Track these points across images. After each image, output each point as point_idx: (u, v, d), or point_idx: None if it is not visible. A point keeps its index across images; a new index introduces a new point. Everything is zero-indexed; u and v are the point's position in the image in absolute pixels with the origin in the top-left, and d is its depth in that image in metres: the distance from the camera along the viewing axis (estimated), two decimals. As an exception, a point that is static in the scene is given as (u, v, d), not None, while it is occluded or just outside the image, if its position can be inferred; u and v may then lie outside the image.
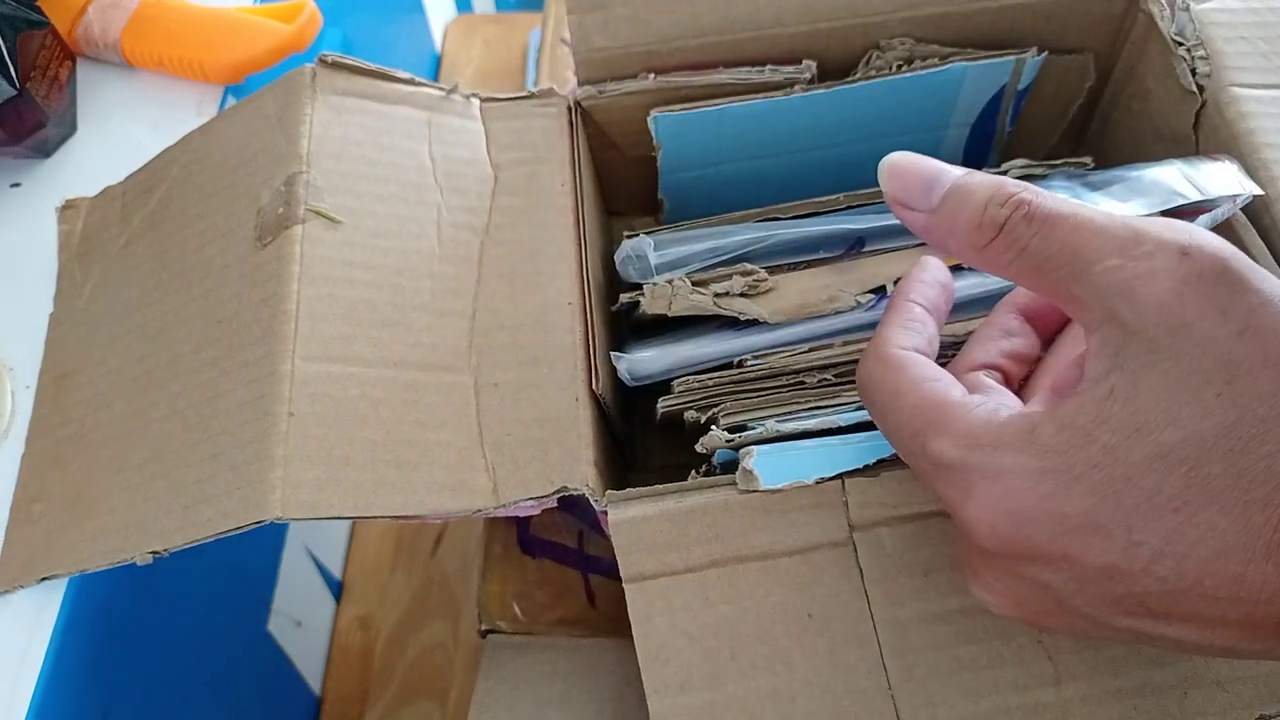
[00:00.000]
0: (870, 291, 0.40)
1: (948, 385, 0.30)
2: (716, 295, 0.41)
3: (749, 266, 0.41)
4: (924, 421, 0.29)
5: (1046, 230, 0.28)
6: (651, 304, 0.41)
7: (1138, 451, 0.26)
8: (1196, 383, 0.26)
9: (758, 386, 0.40)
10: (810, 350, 0.40)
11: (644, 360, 0.41)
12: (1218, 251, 0.26)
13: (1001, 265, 0.30)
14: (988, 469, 0.28)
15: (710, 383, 0.40)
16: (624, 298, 0.43)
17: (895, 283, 0.40)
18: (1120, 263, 0.27)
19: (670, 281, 0.41)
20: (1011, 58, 0.47)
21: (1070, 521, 0.26)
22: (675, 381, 0.41)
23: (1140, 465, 0.26)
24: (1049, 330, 0.35)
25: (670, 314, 0.41)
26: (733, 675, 0.35)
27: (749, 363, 0.40)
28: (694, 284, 0.41)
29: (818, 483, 0.36)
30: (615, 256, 0.43)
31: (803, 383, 0.40)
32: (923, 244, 0.42)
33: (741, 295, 0.41)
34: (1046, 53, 0.48)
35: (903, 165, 0.32)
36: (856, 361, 0.39)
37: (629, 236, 0.43)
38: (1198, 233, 0.27)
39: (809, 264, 0.42)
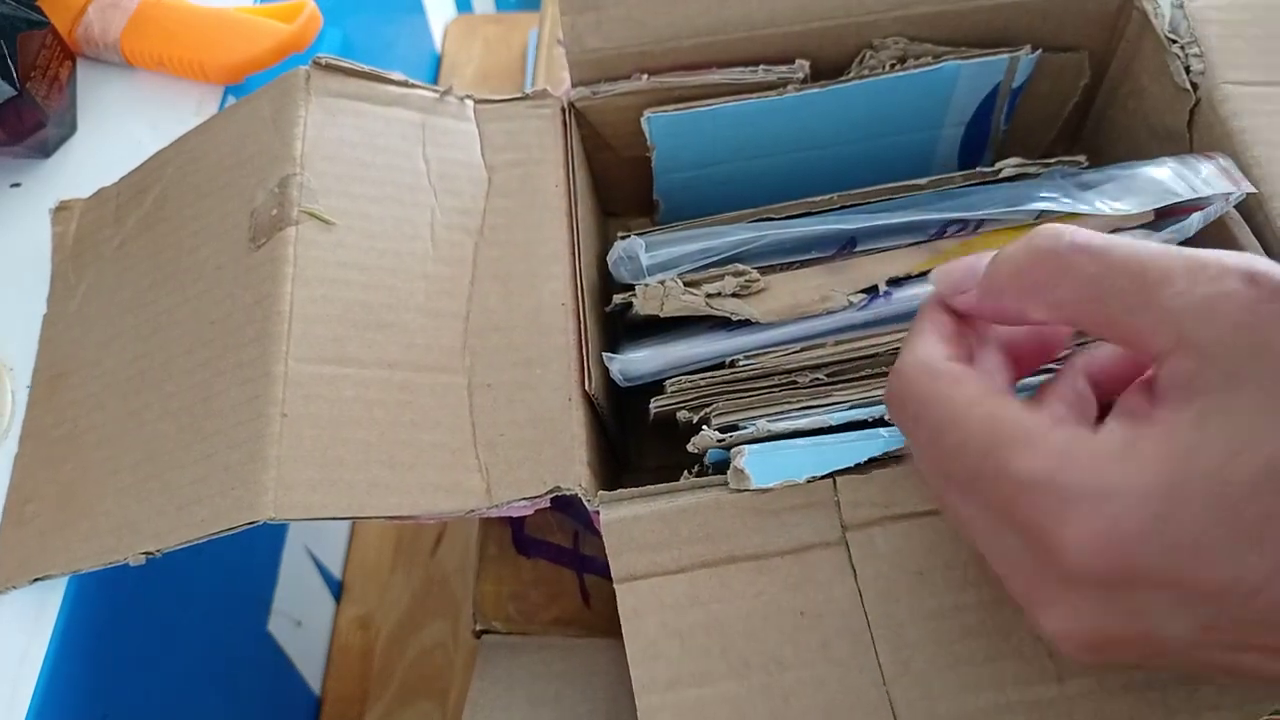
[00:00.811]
0: (862, 291, 0.40)
1: (1015, 399, 0.28)
2: (709, 296, 0.41)
3: (741, 267, 0.41)
4: (1003, 438, 0.27)
5: (1102, 257, 0.27)
6: (644, 305, 0.42)
7: (1243, 471, 0.24)
8: None
9: (750, 386, 0.40)
10: (802, 350, 0.40)
11: (636, 361, 0.41)
12: None
13: (1056, 302, 0.28)
14: (1090, 487, 0.25)
15: (702, 383, 0.40)
16: (617, 298, 0.43)
17: (888, 282, 0.40)
18: (1188, 287, 0.26)
19: (663, 282, 0.41)
20: (1005, 56, 0.47)
21: (1183, 542, 0.25)
22: (667, 382, 0.41)
23: (1248, 486, 0.24)
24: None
25: (662, 315, 0.41)
26: (723, 672, 0.35)
27: (741, 363, 0.40)
28: (686, 285, 0.41)
29: (809, 481, 0.36)
30: (608, 258, 0.43)
31: (795, 382, 0.40)
32: (915, 244, 0.42)
33: (734, 296, 0.41)
34: (1040, 51, 0.48)
35: (951, 265, 0.31)
36: (849, 361, 0.39)
37: (622, 238, 0.43)
38: (1255, 259, 0.26)
39: (801, 264, 0.42)
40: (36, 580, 0.39)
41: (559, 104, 0.47)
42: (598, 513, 0.37)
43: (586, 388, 0.40)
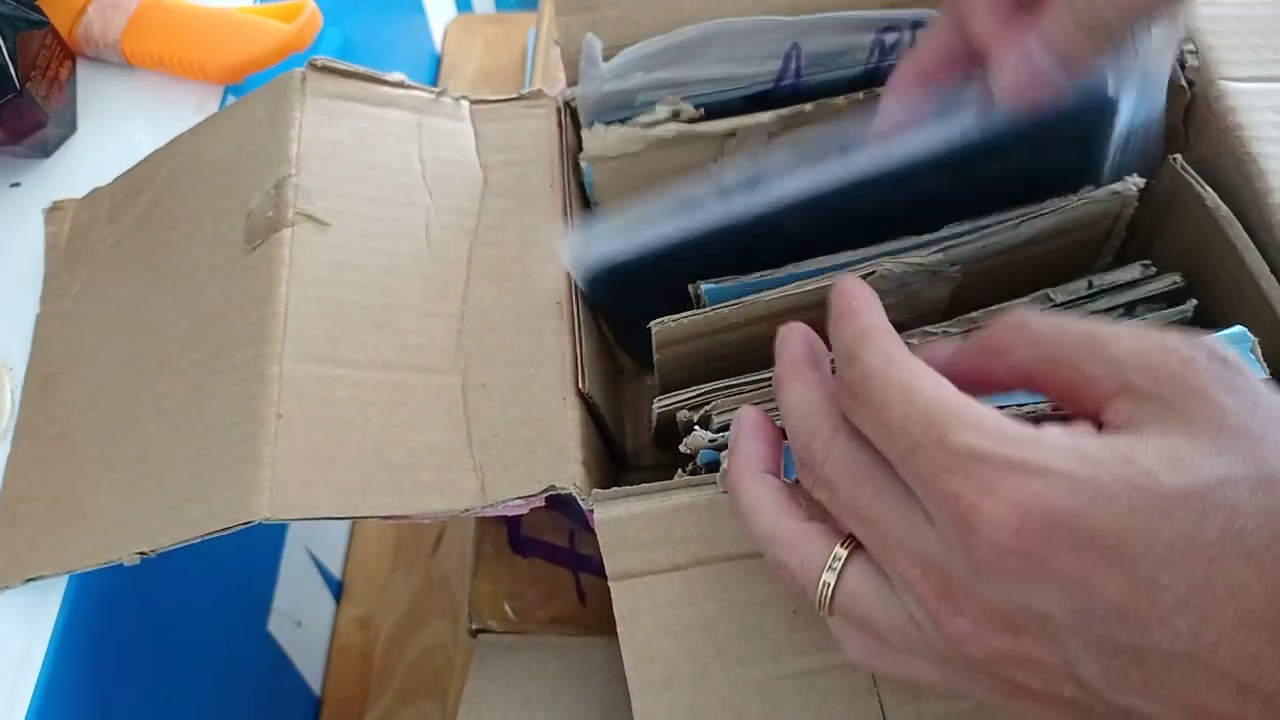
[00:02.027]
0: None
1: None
2: (644, 125, 0.43)
3: (680, 105, 0.44)
4: (950, 413, 0.27)
5: (1058, 322, 0.28)
6: (590, 146, 0.44)
7: (1178, 483, 0.24)
8: (1226, 440, 0.25)
9: (752, 383, 0.40)
10: None
11: (592, 240, 0.41)
12: (1216, 342, 0.27)
13: (1015, 363, 0.29)
14: (1027, 464, 0.25)
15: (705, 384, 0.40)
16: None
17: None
18: (1133, 344, 0.27)
19: (606, 125, 0.44)
20: None
21: (1103, 541, 0.24)
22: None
23: (1179, 499, 0.24)
24: None
25: (609, 153, 0.44)
26: (718, 671, 0.35)
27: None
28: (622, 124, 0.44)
29: (799, 481, 0.36)
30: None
31: None
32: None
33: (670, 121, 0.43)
34: None
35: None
36: None
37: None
38: (1197, 337, 0.27)
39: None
40: (30, 580, 0.39)
41: (554, 104, 0.47)
42: (593, 511, 0.37)
43: (581, 387, 0.40)
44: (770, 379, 0.40)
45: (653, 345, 0.41)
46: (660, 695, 0.35)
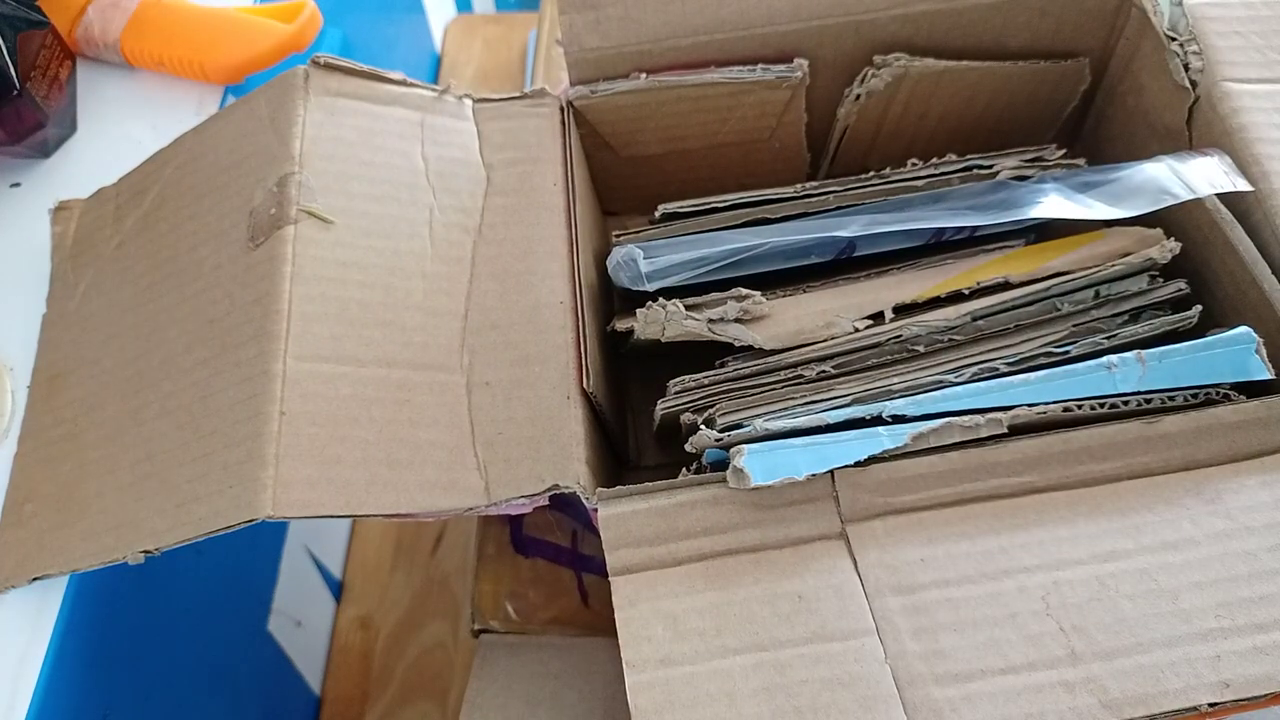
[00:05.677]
0: (868, 317, 0.40)
1: None
2: (710, 321, 0.41)
3: (744, 291, 0.41)
4: None
5: None
6: (645, 329, 0.41)
7: None
8: None
9: (755, 383, 0.40)
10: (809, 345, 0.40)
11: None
12: None
13: None
14: None
15: (706, 382, 0.40)
16: (618, 325, 0.43)
17: (894, 309, 0.40)
18: None
19: (664, 305, 0.41)
20: None
21: None
22: (671, 383, 0.41)
23: None
24: None
25: (664, 340, 0.41)
26: (716, 651, 0.35)
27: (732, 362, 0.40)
28: (688, 308, 0.41)
29: (809, 479, 0.36)
30: (607, 263, 0.43)
31: (801, 376, 0.40)
32: (913, 249, 0.42)
33: (736, 321, 0.40)
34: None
35: None
36: (854, 351, 0.39)
37: (618, 242, 0.43)
38: None
39: (806, 287, 0.42)
40: (35, 580, 0.39)
41: (558, 103, 0.47)
42: (596, 510, 0.37)
43: (585, 385, 0.40)
44: (777, 378, 0.40)
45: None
46: (655, 673, 0.35)
